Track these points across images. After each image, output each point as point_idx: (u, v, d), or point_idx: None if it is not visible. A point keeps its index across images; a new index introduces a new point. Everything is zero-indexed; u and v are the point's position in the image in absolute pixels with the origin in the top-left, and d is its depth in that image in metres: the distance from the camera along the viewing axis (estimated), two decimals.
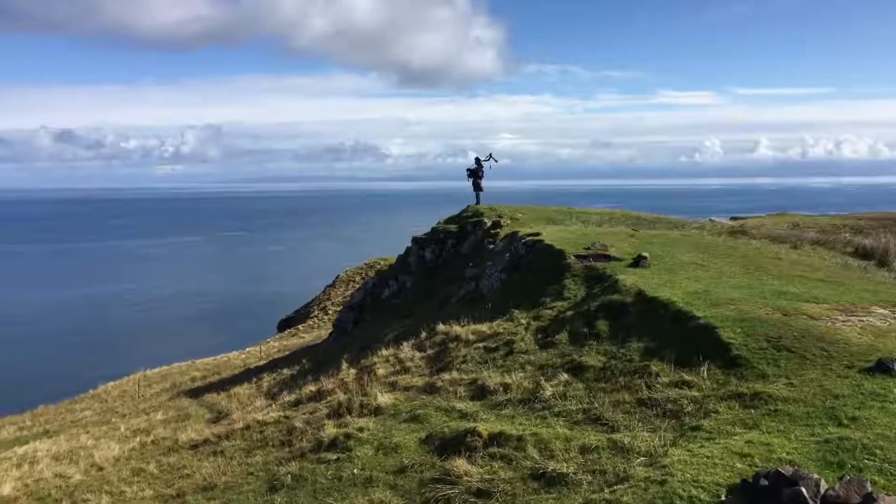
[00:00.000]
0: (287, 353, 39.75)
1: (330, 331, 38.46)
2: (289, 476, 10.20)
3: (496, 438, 9.64)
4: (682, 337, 11.35)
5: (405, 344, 17.52)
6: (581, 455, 8.61)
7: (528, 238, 20.31)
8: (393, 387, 14.18)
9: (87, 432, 25.13)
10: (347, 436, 11.17)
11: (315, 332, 54.67)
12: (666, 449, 8.05)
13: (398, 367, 15.76)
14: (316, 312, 65.03)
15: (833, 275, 15.96)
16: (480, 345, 14.69)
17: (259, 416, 15.03)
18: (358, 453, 10.49)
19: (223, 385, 30.59)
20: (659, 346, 11.43)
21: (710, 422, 8.75)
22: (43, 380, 55.60)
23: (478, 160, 32.15)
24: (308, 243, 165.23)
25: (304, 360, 29.04)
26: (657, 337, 11.78)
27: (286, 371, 27.87)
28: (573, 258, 17.06)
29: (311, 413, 14.09)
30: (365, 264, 71.10)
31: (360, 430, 11.35)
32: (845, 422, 7.95)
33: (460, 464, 9.14)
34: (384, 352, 17.67)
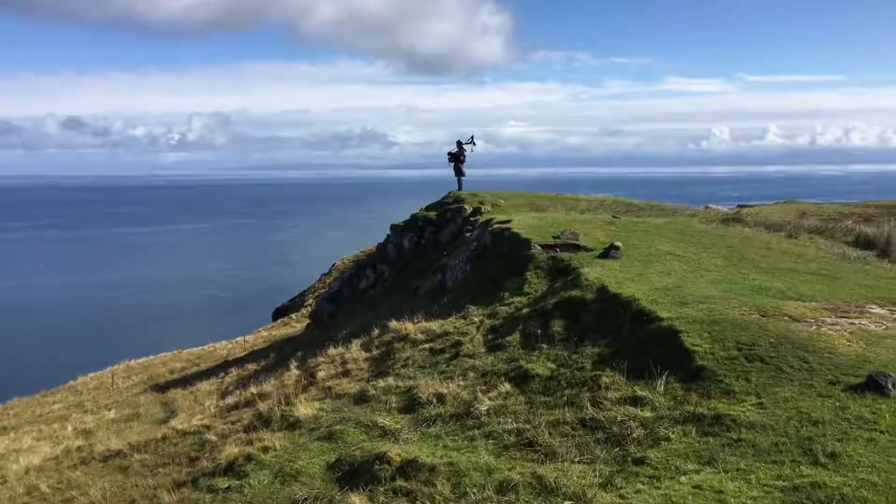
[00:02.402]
0: (267, 344, 38.35)
1: (307, 322, 36.93)
2: None
3: (407, 467, 8.02)
4: (640, 342, 9.69)
5: (355, 342, 15.92)
6: (497, 495, 6.98)
7: (495, 226, 18.59)
8: (327, 393, 12.58)
9: (39, 431, 23.78)
10: (248, 457, 9.57)
11: (305, 321, 53.29)
12: (595, 492, 6.41)
13: (340, 370, 14.16)
14: (310, 301, 63.57)
15: (827, 267, 14.23)
16: (427, 346, 13.06)
17: (180, 426, 13.49)
18: (253, 481, 8.90)
19: (194, 379, 29.14)
20: (614, 351, 9.77)
21: (657, 452, 7.11)
22: (34, 370, 54.37)
23: (459, 143, 30.34)
24: (316, 231, 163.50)
25: (271, 355, 27.55)
26: (614, 341, 10.12)
27: (251, 366, 26.36)
28: (538, 248, 15.36)
29: (233, 423, 12.51)
30: (361, 252, 69.59)
31: (265, 449, 9.76)
32: (822, 459, 6.29)
33: (356, 502, 7.54)
34: (332, 351, 16.08)
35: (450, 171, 31.31)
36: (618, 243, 14.93)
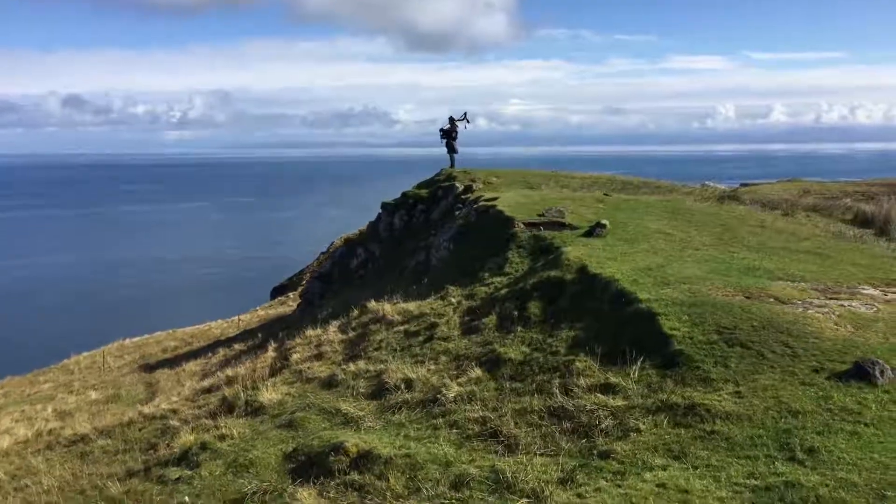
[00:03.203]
0: (260, 323, 37.94)
1: (298, 302, 36.49)
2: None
3: (363, 458, 7.55)
4: (617, 325, 9.17)
5: (333, 323, 15.44)
6: (451, 490, 6.50)
7: (480, 203, 18.01)
8: (298, 376, 12.10)
9: (22, 412, 23.43)
10: (203, 445, 9.10)
11: (300, 300, 52.84)
12: (552, 489, 5.92)
13: (315, 352, 13.67)
14: (306, 280, 63.24)
15: (821, 246, 13.64)
16: (402, 328, 12.56)
17: (147, 410, 13.05)
18: (204, 471, 8.43)
19: (183, 359, 28.77)
20: (590, 335, 9.25)
21: (625, 445, 6.61)
22: (31, 349, 54.01)
23: (452, 120, 29.65)
24: (318, 209, 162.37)
25: (259, 335, 27.14)
26: (591, 324, 9.60)
27: (238, 346, 25.94)
28: (521, 226, 14.79)
29: (199, 408, 12.08)
30: (359, 231, 68.97)
31: (222, 437, 9.29)
32: (800, 455, 5.79)
33: (306, 496, 7.06)
34: (310, 332, 15.60)
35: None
36: (604, 221, 14.35)
